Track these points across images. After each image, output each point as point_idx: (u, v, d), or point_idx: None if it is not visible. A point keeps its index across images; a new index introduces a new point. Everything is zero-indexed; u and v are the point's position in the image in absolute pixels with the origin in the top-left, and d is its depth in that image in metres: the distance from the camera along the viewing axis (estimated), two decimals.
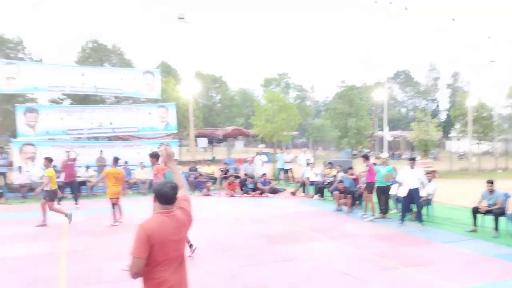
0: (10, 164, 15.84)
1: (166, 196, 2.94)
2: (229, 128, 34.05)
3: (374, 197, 10.65)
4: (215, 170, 17.96)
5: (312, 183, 14.69)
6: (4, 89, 16.13)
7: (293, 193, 14.97)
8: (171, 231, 2.91)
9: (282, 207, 12.47)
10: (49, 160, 10.12)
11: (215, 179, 17.10)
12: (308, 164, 15.98)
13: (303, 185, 15.01)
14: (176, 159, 16.86)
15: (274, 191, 15.18)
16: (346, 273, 6.17)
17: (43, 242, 8.15)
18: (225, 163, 19.17)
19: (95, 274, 6.17)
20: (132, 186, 16.43)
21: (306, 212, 11.67)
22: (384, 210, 10.54)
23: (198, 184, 16.23)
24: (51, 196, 9.64)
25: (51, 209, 9.63)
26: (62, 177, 13.59)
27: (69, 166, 12.92)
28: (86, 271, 6.31)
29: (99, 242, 8.15)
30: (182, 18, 18.49)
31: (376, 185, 10.50)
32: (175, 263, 2.98)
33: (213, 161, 26.68)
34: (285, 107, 22.20)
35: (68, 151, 13.53)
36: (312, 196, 14.29)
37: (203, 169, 17.58)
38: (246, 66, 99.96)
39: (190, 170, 17.15)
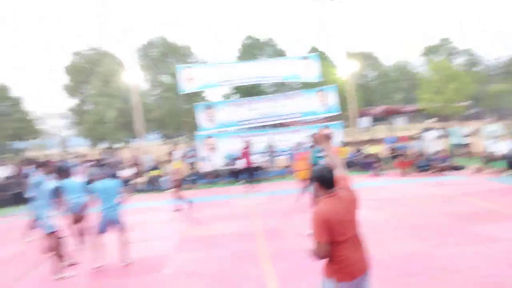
0: (196, 155, 18.27)
1: (327, 180, 3.13)
2: (382, 108, 32.23)
3: None
4: (380, 149, 17.38)
5: (503, 157, 12.90)
6: (186, 89, 18.61)
7: (479, 170, 13.40)
8: (342, 212, 3.07)
9: (467, 185, 11.31)
10: (172, 154, 11.43)
11: (381, 159, 16.53)
12: (495, 136, 14.05)
13: (490, 160, 13.31)
14: (340, 141, 16.93)
15: (454, 169, 13.87)
16: None
17: (240, 221, 9.14)
18: (387, 142, 18.35)
19: (289, 250, 6.66)
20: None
21: (498, 190, 10.34)
22: None
23: (365, 165, 15.95)
24: (178, 184, 10.77)
25: (176, 195, 10.69)
26: (240, 164, 15.05)
27: (246, 153, 14.12)
28: (281, 247, 6.87)
29: (287, 221, 8.74)
30: None
31: None
32: (353, 241, 3.14)
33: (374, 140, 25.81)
34: (454, 76, 19.98)
35: (245, 140, 14.78)
36: (503, 172, 12.57)
37: (368, 149, 17.21)
38: (398, 38, 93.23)
39: (356, 151, 17.00)
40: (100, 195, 6.35)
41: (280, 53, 33.93)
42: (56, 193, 6.39)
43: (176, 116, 24.98)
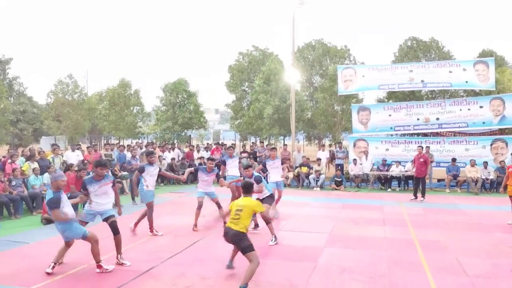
0: (346, 157, 18.09)
1: None
2: None
3: None
4: None
5: None
6: (343, 91, 18.55)
7: None
8: None
9: None
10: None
11: None
12: None
13: None
14: None
15: None
16: None
17: (395, 228, 8.78)
18: None
19: (456, 265, 6.12)
20: (461, 185, 15.51)
21: None
22: None
23: None
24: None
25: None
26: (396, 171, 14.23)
27: (422, 161, 12.88)
28: (445, 261, 6.36)
29: (448, 235, 8.06)
30: None
31: None
32: None
33: None
34: None
35: (420, 147, 13.63)
36: None
37: None
38: None
39: None
40: None
41: (446, 56, 31.11)
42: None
43: (326, 116, 25.21)
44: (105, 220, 6.11)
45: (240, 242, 5.20)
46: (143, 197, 8.12)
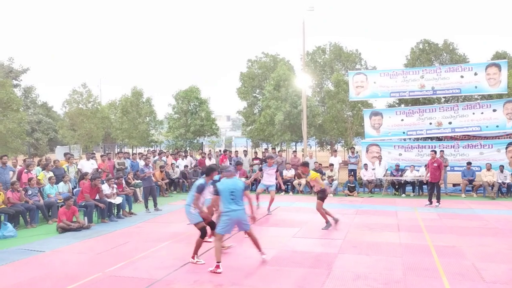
0: (357, 163, 17.93)
1: None
2: None
3: None
4: None
5: None
6: (354, 97, 18.45)
7: None
8: None
9: None
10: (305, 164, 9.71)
11: None
12: None
13: None
14: None
15: None
16: None
17: (406, 233, 8.72)
18: None
19: (473, 271, 6.02)
20: (477, 190, 15.26)
21: None
22: None
23: None
24: (321, 196, 9.22)
25: (318, 209, 9.23)
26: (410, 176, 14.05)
27: (433, 166, 12.58)
28: (461, 266, 6.26)
29: (464, 241, 7.94)
30: None
31: None
32: None
33: None
34: None
35: (433, 151, 13.30)
36: None
37: None
38: None
39: None
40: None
41: (460, 59, 30.68)
42: None
43: (336, 122, 25.14)
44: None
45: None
46: None
